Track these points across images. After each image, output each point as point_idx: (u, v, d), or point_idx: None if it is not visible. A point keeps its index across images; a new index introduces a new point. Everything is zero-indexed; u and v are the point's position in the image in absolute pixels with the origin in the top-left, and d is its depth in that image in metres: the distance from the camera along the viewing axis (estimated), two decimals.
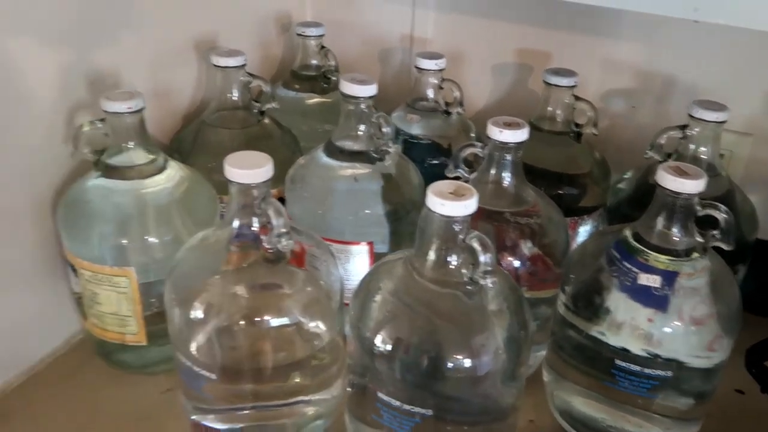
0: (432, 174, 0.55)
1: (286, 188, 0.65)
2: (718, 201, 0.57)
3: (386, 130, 0.61)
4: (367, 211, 0.62)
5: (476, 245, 0.44)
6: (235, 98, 0.69)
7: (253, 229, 0.49)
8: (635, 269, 0.50)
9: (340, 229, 0.61)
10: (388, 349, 0.46)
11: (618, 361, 0.51)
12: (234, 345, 0.50)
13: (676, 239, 0.50)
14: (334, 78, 0.80)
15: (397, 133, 0.73)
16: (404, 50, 0.81)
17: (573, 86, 0.66)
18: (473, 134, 0.73)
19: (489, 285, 0.45)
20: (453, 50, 0.78)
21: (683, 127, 0.61)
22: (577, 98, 0.66)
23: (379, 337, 0.47)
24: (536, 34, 0.74)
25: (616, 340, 0.51)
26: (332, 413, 0.56)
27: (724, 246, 0.50)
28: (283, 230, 0.48)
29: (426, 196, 0.45)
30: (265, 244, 0.49)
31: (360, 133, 0.62)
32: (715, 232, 0.50)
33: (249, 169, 0.47)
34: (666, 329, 0.50)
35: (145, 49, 0.66)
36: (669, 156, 0.62)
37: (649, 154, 0.63)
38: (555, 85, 0.66)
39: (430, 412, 0.46)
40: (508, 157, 0.56)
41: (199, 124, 0.69)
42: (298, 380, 0.54)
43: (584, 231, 0.69)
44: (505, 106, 0.77)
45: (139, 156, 0.58)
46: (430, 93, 0.73)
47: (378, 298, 0.49)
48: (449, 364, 0.45)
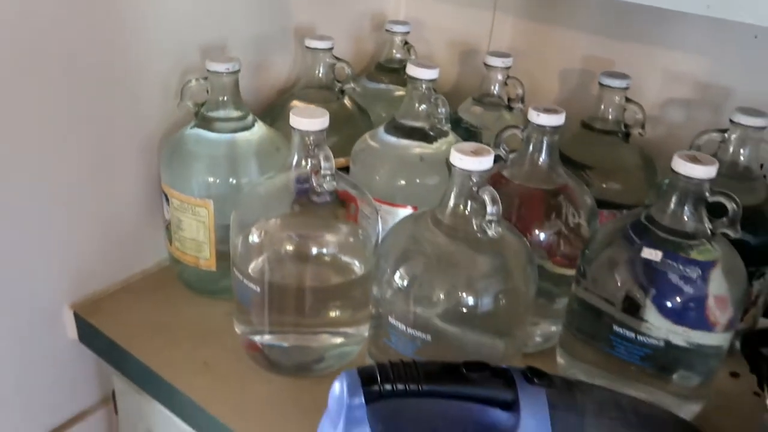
0: None
1: (352, 156, 0.74)
2: (753, 207, 0.60)
3: (442, 110, 0.69)
4: (417, 180, 0.69)
5: (486, 197, 0.51)
6: (320, 77, 0.79)
7: (307, 170, 0.58)
8: (639, 244, 0.54)
9: (392, 193, 0.69)
10: (404, 284, 0.54)
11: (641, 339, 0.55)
12: (280, 266, 0.59)
13: (685, 221, 0.54)
14: None
15: (460, 121, 0.80)
16: (481, 51, 0.88)
17: (625, 88, 0.70)
18: None
19: (493, 234, 0.51)
20: (524, 52, 0.84)
21: (723, 130, 0.64)
22: (628, 100, 0.71)
23: (397, 274, 0.54)
24: (601, 42, 0.78)
25: (630, 319, 0.55)
26: (359, 345, 0.64)
27: (731, 233, 0.53)
28: (329, 172, 0.57)
29: (450, 153, 0.52)
30: (314, 183, 0.58)
31: (420, 111, 0.69)
32: (724, 219, 0.53)
33: (307, 118, 0.56)
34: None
35: (251, 30, 0.78)
36: None
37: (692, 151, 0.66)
38: (608, 86, 0.70)
39: (429, 338, 0.52)
40: (544, 139, 0.62)
41: (289, 96, 0.80)
42: (333, 313, 0.62)
43: None
44: (564, 105, 0.82)
45: (230, 112, 0.69)
46: (496, 89, 0.79)
47: (399, 241, 0.56)
48: (449, 299, 0.52)
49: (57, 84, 0.62)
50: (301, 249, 0.60)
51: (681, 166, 0.52)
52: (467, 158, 0.51)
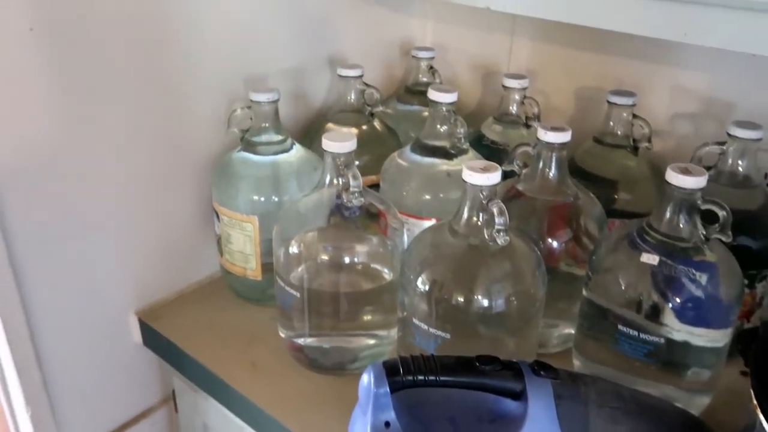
0: (504, 173, 0.66)
1: (382, 174, 0.81)
2: (753, 213, 0.65)
3: (461, 130, 0.75)
4: (441, 195, 0.76)
5: (495, 209, 0.57)
6: (352, 101, 0.87)
7: (339, 187, 0.66)
8: (641, 247, 0.60)
9: (418, 207, 0.76)
10: (425, 288, 0.60)
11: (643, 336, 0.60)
12: (317, 274, 0.67)
13: (680, 227, 0.59)
14: None
15: (482, 138, 0.87)
16: (501, 73, 0.95)
17: (632, 105, 0.76)
18: None
19: (502, 242, 0.57)
20: (540, 73, 0.91)
21: (722, 143, 0.68)
22: (635, 116, 0.76)
23: (419, 279, 0.61)
24: (610, 62, 0.84)
25: (635, 317, 0.60)
26: (390, 346, 0.71)
27: (723, 238, 0.58)
28: (357, 190, 0.64)
29: (462, 170, 0.59)
30: (343, 199, 0.65)
31: (441, 132, 0.76)
32: (716, 225, 0.58)
33: (337, 142, 0.64)
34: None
35: (290, 61, 0.87)
36: (709, 169, 0.69)
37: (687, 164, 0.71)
38: (615, 104, 0.76)
39: (448, 336, 0.59)
40: (553, 155, 0.68)
41: (323, 120, 0.88)
42: (366, 317, 0.70)
43: None
44: (577, 122, 0.88)
45: (272, 136, 0.78)
46: (514, 108, 0.86)
47: (421, 249, 0.63)
48: (466, 301, 0.58)
49: (130, 116, 0.72)
50: (336, 258, 0.68)
51: (674, 177, 0.58)
52: (477, 174, 0.58)
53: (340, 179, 0.65)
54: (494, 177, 0.57)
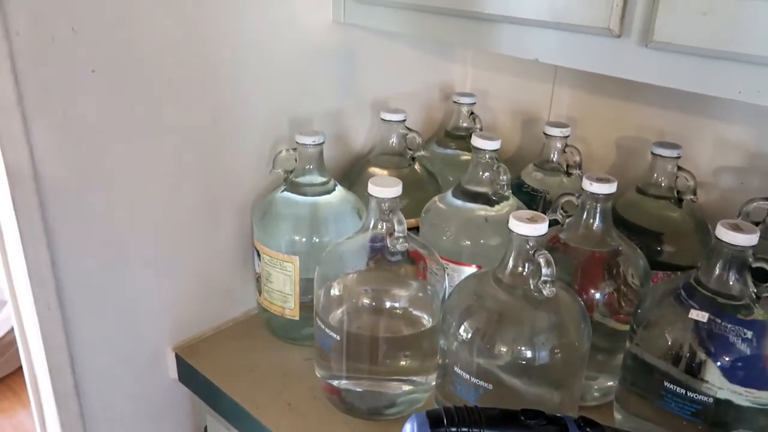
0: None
1: (422, 218, 0.81)
2: None
3: (504, 178, 0.76)
4: (481, 241, 0.76)
5: (542, 260, 0.57)
6: (394, 145, 0.88)
7: (382, 231, 0.66)
8: (689, 303, 0.59)
9: (458, 252, 0.76)
10: (467, 336, 0.60)
11: (690, 395, 0.58)
12: (357, 317, 0.67)
13: (730, 284, 0.58)
14: None
15: (522, 185, 0.87)
16: (542, 119, 0.95)
17: (676, 157, 0.75)
18: None
19: (548, 293, 0.57)
20: (581, 120, 0.91)
21: None
22: (679, 168, 0.76)
23: (462, 327, 0.61)
24: (653, 112, 0.84)
25: (682, 376, 0.59)
26: (427, 393, 0.70)
27: None
28: (401, 235, 0.64)
29: (509, 220, 0.59)
30: (388, 244, 0.65)
31: (483, 178, 0.76)
32: (767, 284, 0.57)
33: (383, 187, 0.65)
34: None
35: (334, 104, 0.88)
36: (758, 224, 0.68)
37: (736, 219, 0.70)
38: (660, 156, 0.76)
39: (490, 387, 0.58)
40: (598, 205, 0.67)
41: (365, 162, 0.89)
42: (404, 362, 0.69)
43: None
44: (618, 171, 0.87)
45: (315, 178, 0.79)
46: (555, 156, 0.86)
47: (464, 297, 0.63)
48: (510, 352, 0.58)
49: (178, 151, 0.74)
50: (376, 302, 0.68)
51: (724, 233, 0.57)
52: (524, 225, 0.58)
53: (384, 224, 0.66)
54: (541, 228, 0.57)
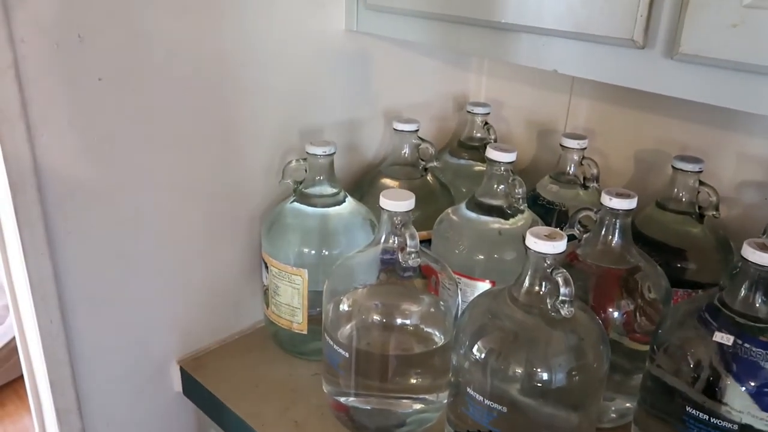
0: None
1: (434, 230, 0.79)
2: None
3: (519, 191, 0.74)
4: (495, 255, 0.74)
5: (560, 279, 0.55)
6: (406, 155, 0.86)
7: (394, 246, 0.64)
8: (712, 327, 0.57)
9: (471, 266, 0.74)
10: (481, 356, 0.58)
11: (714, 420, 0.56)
12: (367, 333, 0.65)
13: (757, 306, 0.55)
14: None
15: (538, 197, 0.85)
16: (558, 130, 0.93)
17: (698, 172, 0.73)
18: None
19: (566, 313, 0.55)
20: (599, 132, 0.89)
21: None
22: (701, 183, 0.73)
23: (475, 346, 0.59)
24: (674, 125, 0.82)
25: (706, 401, 0.56)
26: (438, 412, 0.68)
27: None
28: (414, 250, 0.62)
29: (525, 237, 0.57)
30: (400, 259, 0.63)
31: (498, 191, 0.74)
32: None
33: (395, 200, 0.63)
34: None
35: (345, 114, 0.87)
36: None
37: (762, 238, 0.67)
38: (681, 170, 0.73)
39: (505, 409, 0.56)
40: (617, 221, 0.65)
41: (376, 172, 0.87)
42: (414, 380, 0.67)
43: None
44: (637, 185, 0.85)
45: (325, 189, 0.77)
46: (572, 168, 0.83)
47: (477, 315, 0.60)
48: (525, 373, 0.55)
49: (188, 160, 0.72)
50: (386, 318, 0.66)
51: (751, 254, 0.55)
52: (542, 242, 0.55)
53: (396, 238, 0.64)
54: (560, 245, 0.55)
